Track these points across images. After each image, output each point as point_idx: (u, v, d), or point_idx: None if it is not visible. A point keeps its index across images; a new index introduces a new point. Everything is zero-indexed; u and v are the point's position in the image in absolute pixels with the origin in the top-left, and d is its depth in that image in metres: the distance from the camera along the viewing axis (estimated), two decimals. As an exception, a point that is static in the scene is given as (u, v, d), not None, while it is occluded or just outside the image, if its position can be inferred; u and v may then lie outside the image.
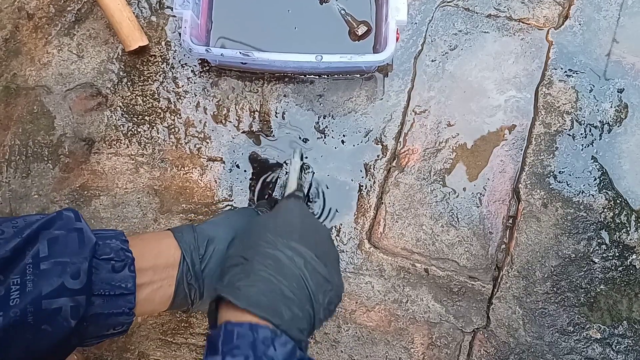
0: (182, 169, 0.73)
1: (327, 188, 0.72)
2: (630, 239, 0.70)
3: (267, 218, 0.51)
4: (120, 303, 0.43)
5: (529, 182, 0.71)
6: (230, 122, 0.74)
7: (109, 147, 0.74)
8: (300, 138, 0.72)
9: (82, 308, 0.40)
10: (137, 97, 0.75)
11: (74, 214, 0.44)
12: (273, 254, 0.44)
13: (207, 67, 0.75)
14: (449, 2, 0.75)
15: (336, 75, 0.74)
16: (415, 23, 0.75)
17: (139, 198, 0.73)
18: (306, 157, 0.73)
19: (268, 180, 0.72)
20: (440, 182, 0.72)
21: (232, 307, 0.41)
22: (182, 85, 0.75)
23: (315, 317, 0.44)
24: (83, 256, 0.41)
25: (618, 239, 0.70)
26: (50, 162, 0.74)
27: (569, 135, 0.72)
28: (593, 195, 0.71)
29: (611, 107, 0.73)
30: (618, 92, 0.73)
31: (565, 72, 0.73)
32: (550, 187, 0.71)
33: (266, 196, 0.72)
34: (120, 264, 0.44)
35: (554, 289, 0.69)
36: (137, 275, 0.45)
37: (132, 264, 0.44)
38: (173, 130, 0.74)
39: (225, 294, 0.42)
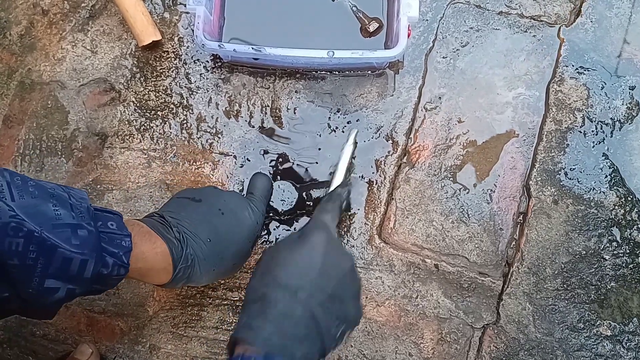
0: (194, 163, 0.73)
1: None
2: (642, 236, 0.70)
3: (290, 253, 0.51)
4: (102, 289, 0.50)
5: (540, 178, 0.71)
6: (242, 117, 0.74)
7: (122, 141, 0.75)
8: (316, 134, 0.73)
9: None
10: (149, 92, 0.75)
11: (94, 233, 0.46)
12: (288, 296, 0.47)
13: (220, 63, 0.75)
14: (460, -1, 0.75)
15: (347, 72, 0.74)
16: (427, 20, 0.75)
17: (151, 192, 0.73)
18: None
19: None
20: (451, 179, 0.72)
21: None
22: (195, 81, 0.75)
23: (327, 349, 0.48)
24: (88, 282, 0.46)
25: (629, 236, 0.70)
26: (63, 156, 0.75)
27: (580, 132, 0.72)
28: (604, 192, 0.71)
29: (622, 104, 0.72)
30: (629, 89, 0.73)
31: (577, 69, 0.73)
32: (561, 183, 0.71)
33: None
34: (115, 277, 0.49)
35: (565, 285, 0.69)
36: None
37: (124, 277, 0.50)
38: (185, 125, 0.74)
39: (241, 334, 0.46)
